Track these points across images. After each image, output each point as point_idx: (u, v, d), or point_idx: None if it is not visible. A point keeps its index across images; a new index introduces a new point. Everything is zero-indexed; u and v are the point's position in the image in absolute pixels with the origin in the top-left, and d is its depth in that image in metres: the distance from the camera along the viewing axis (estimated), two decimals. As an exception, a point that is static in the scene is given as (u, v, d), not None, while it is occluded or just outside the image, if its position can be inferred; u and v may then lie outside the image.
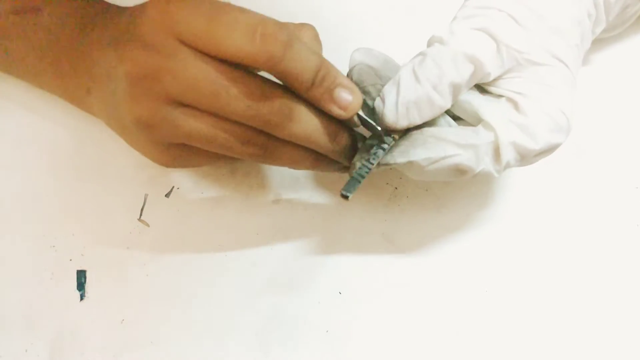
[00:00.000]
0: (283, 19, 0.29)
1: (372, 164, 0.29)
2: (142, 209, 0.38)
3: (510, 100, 0.31)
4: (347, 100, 0.29)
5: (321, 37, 0.32)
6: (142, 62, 0.27)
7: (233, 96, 0.27)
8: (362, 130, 0.32)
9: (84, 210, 0.38)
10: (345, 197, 0.29)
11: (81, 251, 0.37)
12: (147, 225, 0.38)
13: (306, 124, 0.29)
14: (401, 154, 0.29)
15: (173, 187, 0.38)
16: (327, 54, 0.30)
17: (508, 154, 0.30)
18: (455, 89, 0.30)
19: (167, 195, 0.38)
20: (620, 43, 0.43)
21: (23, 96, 0.39)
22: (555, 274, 0.37)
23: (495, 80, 0.31)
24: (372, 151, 0.30)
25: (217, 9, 0.26)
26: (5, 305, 0.36)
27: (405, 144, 0.30)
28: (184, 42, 0.26)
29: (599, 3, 0.33)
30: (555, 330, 0.36)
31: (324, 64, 0.28)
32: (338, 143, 0.30)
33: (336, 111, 0.29)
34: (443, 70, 0.29)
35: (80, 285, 0.36)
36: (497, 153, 0.30)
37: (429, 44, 0.32)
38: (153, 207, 0.38)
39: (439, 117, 0.31)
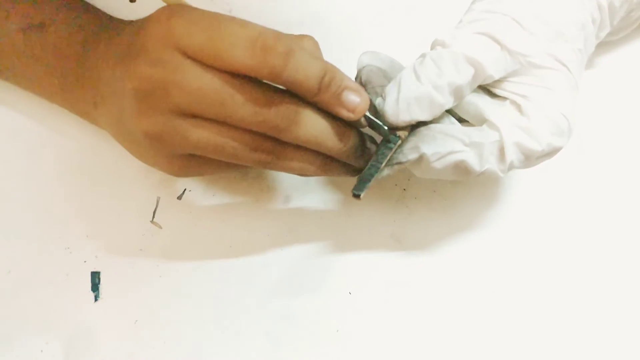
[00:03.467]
0: (286, 24, 0.29)
1: (381, 163, 0.30)
2: (154, 212, 0.38)
3: (514, 102, 0.31)
4: (355, 102, 0.29)
5: (324, 40, 0.32)
6: (149, 77, 0.27)
7: (239, 103, 0.27)
8: (373, 133, 0.32)
9: (98, 213, 0.38)
10: (357, 197, 0.30)
11: (95, 253, 0.37)
12: (160, 227, 0.38)
13: (313, 126, 0.29)
14: (411, 150, 0.30)
15: (185, 189, 0.39)
16: (329, 56, 0.31)
17: (512, 154, 0.30)
18: (457, 90, 0.30)
19: (179, 198, 0.39)
20: (625, 46, 0.43)
21: (35, 103, 0.40)
22: (562, 274, 0.38)
23: (499, 82, 0.32)
24: (380, 151, 0.31)
25: (218, 23, 0.26)
26: (20, 306, 0.36)
27: (414, 140, 0.30)
28: (187, 55, 0.27)
29: (604, 7, 0.34)
30: (562, 330, 0.36)
31: (328, 69, 0.28)
32: (346, 143, 0.31)
33: (345, 114, 0.29)
34: (443, 71, 0.30)
35: (95, 287, 0.37)
36: (501, 153, 0.30)
37: (432, 47, 0.32)
38: (165, 210, 0.38)
39: (443, 117, 0.32)
